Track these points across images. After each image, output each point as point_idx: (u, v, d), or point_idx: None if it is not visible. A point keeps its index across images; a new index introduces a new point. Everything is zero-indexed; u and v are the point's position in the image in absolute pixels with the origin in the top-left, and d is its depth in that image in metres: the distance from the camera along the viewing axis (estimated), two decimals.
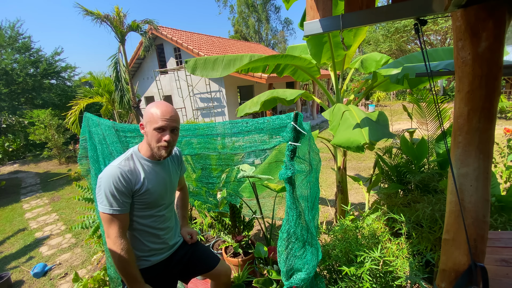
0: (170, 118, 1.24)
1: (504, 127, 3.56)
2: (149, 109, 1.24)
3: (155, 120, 1.21)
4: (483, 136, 0.99)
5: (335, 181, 3.46)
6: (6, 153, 10.04)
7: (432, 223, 1.85)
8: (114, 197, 1.18)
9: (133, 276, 1.24)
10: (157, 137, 1.23)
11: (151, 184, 1.28)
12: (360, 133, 1.80)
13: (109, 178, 1.18)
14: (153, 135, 1.23)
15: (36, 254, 3.94)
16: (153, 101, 1.30)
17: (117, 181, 1.18)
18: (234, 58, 2.67)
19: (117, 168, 1.20)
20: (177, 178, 1.49)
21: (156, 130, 1.22)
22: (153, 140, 1.24)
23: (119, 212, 1.19)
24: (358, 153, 1.77)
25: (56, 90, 15.20)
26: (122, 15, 8.17)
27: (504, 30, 0.90)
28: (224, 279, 1.67)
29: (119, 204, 1.19)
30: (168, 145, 1.25)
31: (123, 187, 1.19)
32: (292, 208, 1.25)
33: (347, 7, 1.16)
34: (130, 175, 1.22)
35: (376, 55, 3.17)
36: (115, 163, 1.23)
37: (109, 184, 1.17)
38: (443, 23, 14.95)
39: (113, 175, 1.18)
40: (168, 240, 1.44)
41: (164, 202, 1.37)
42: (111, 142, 2.03)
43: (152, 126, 1.22)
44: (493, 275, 1.30)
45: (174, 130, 1.27)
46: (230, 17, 34.02)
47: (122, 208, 1.20)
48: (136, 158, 1.29)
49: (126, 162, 1.25)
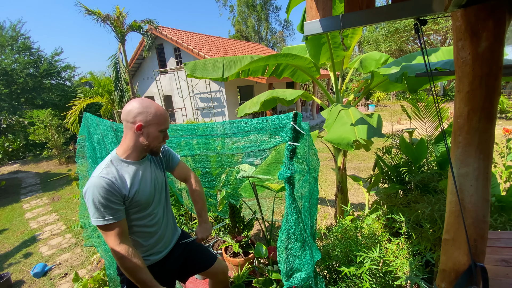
0: (168, 118, 1.31)
1: (503, 127, 3.56)
2: (151, 110, 1.21)
3: (162, 122, 1.24)
4: (483, 136, 0.98)
5: (335, 181, 3.46)
6: (6, 153, 10.04)
7: (432, 223, 1.85)
8: (105, 207, 1.14)
9: (144, 280, 1.20)
10: (161, 138, 1.28)
11: (138, 185, 1.25)
12: (352, 131, 1.83)
13: (94, 190, 1.13)
14: (157, 136, 1.25)
15: (36, 254, 3.94)
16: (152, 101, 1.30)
17: (104, 191, 1.13)
18: (234, 59, 2.66)
19: (100, 178, 1.15)
20: (162, 174, 1.44)
21: (162, 132, 1.26)
22: (156, 141, 1.26)
23: (114, 221, 1.16)
24: (358, 151, 1.77)
25: (56, 90, 15.19)
26: (123, 15, 8.17)
27: (504, 30, 0.90)
28: (221, 277, 1.68)
29: (112, 213, 1.15)
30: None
31: (112, 195, 1.15)
32: (291, 208, 1.25)
33: (347, 7, 1.16)
34: (116, 181, 1.18)
35: (376, 54, 3.16)
36: (96, 174, 1.18)
37: (96, 196, 1.13)
38: (443, 23, 14.96)
39: (97, 186, 1.13)
40: (163, 236, 1.43)
41: (153, 200, 1.34)
42: (109, 142, 2.03)
43: (158, 128, 1.24)
44: (493, 275, 1.30)
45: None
46: (230, 16, 33.99)
47: (116, 216, 1.17)
48: (117, 163, 1.24)
49: (108, 170, 1.19)
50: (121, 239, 1.18)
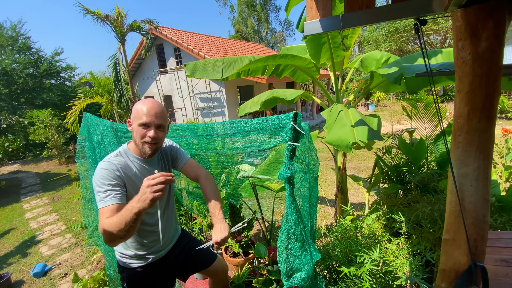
0: (155, 114, 1.22)
1: (502, 127, 3.56)
2: (136, 106, 1.25)
3: (140, 116, 1.21)
4: (483, 136, 0.98)
5: (335, 181, 3.45)
6: (6, 153, 10.04)
7: (432, 223, 1.85)
8: (109, 188, 1.16)
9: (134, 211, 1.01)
10: (142, 133, 1.22)
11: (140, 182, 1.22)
12: (351, 132, 1.83)
13: (101, 172, 1.19)
14: (138, 131, 1.23)
15: (36, 254, 3.94)
16: (150, 99, 1.29)
17: (108, 173, 1.19)
18: (234, 60, 2.66)
19: (108, 162, 1.23)
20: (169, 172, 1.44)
21: (140, 125, 1.22)
22: (138, 136, 1.24)
23: (116, 201, 1.14)
24: (358, 151, 1.79)
25: (56, 90, 15.20)
26: (122, 15, 8.17)
27: (504, 30, 0.90)
28: (221, 276, 1.69)
29: (115, 193, 1.17)
30: (152, 142, 1.24)
31: (116, 178, 1.20)
32: (291, 208, 1.24)
33: (347, 7, 1.16)
34: (121, 168, 1.24)
35: (376, 54, 3.12)
36: (106, 159, 1.26)
37: (102, 177, 1.17)
38: (443, 23, 14.95)
39: (104, 168, 1.20)
40: (164, 235, 1.43)
41: None
42: (108, 142, 2.03)
43: (137, 121, 1.22)
44: (493, 275, 1.30)
45: (159, 127, 1.25)
46: (230, 16, 33.99)
47: (118, 197, 1.16)
48: (126, 155, 1.30)
49: (116, 158, 1.27)
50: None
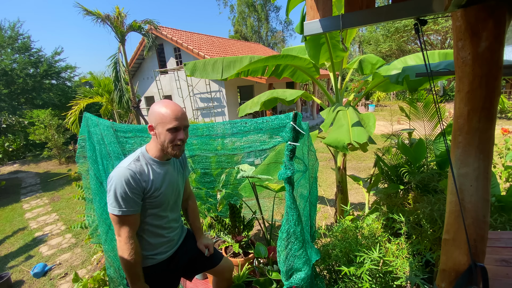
0: (181, 117, 1.23)
1: (501, 127, 3.56)
2: (158, 110, 1.22)
3: (168, 121, 1.21)
4: (483, 136, 0.98)
5: (335, 181, 3.45)
6: (6, 153, 10.04)
7: (432, 223, 1.85)
8: (124, 199, 1.18)
9: (137, 275, 1.27)
10: (171, 137, 1.23)
11: (160, 185, 1.29)
12: (347, 133, 1.87)
13: (119, 180, 1.17)
14: (166, 136, 1.22)
15: (36, 254, 3.94)
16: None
17: (128, 182, 1.18)
18: (233, 60, 2.66)
19: (127, 169, 1.20)
20: (183, 178, 1.49)
21: (169, 130, 1.21)
22: (167, 141, 1.23)
23: (129, 213, 1.20)
24: (358, 151, 1.81)
25: (56, 90, 15.19)
26: (122, 15, 8.16)
27: (504, 30, 0.90)
28: (227, 275, 1.71)
29: (129, 205, 1.19)
30: (182, 143, 1.26)
31: (134, 188, 1.19)
32: (291, 208, 1.24)
33: (347, 7, 1.16)
34: (140, 176, 1.22)
35: (373, 58, 3.19)
36: (125, 165, 1.22)
37: (120, 186, 1.17)
38: (443, 23, 14.95)
39: (123, 176, 1.18)
40: (172, 239, 1.46)
41: (169, 202, 1.37)
42: (109, 142, 2.03)
43: (165, 127, 1.21)
44: (493, 275, 1.30)
45: (185, 128, 1.28)
46: (230, 16, 34.02)
47: (131, 209, 1.20)
48: (144, 160, 1.28)
49: (136, 163, 1.24)
50: (129, 232, 1.22)
